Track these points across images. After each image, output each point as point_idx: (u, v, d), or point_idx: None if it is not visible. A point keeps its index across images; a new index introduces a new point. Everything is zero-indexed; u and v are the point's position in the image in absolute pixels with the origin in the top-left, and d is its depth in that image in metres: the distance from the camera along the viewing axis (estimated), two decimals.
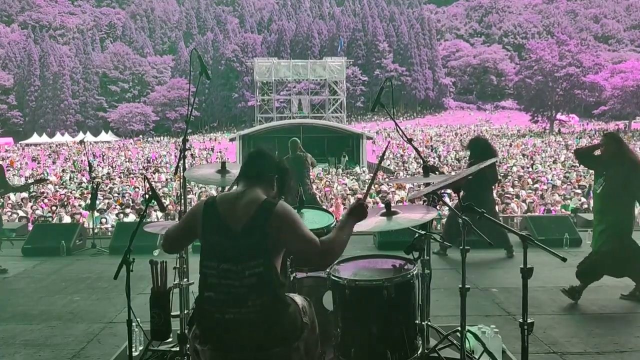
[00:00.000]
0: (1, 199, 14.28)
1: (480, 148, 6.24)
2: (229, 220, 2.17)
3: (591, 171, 18.83)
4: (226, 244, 2.14)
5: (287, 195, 2.47)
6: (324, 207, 7.62)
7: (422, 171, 3.32)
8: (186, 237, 2.42)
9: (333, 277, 2.73)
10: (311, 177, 7.58)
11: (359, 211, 2.37)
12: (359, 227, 2.95)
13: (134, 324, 2.90)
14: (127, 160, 35.88)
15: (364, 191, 3.09)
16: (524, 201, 11.62)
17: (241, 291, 2.11)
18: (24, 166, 32.99)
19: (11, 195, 14.84)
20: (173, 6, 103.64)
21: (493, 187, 7.07)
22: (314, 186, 8.07)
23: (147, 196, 4.85)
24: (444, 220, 7.88)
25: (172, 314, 2.82)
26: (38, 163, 35.40)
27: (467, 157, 6.40)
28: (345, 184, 17.48)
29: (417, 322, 2.75)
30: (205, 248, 2.20)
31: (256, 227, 2.14)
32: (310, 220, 3.32)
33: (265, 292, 2.13)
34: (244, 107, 76.07)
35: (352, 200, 12.83)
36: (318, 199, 9.46)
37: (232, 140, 33.25)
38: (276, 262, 2.18)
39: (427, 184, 3.19)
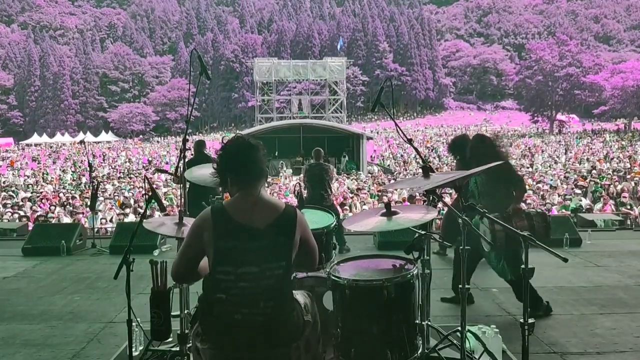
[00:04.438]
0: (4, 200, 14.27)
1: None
2: (251, 223, 2.13)
3: (592, 172, 18.66)
4: (247, 247, 2.11)
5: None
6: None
7: (421, 171, 3.32)
8: (197, 255, 2.21)
9: (333, 277, 2.73)
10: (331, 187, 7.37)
11: None
12: (360, 227, 2.96)
13: (134, 324, 2.90)
14: (127, 160, 35.90)
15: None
16: (524, 201, 11.61)
17: (256, 292, 2.11)
18: (24, 166, 32.99)
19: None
20: (173, 6, 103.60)
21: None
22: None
23: (147, 196, 4.85)
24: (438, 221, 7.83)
25: (172, 314, 2.82)
26: (38, 163, 35.41)
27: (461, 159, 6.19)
28: (345, 183, 17.48)
29: (417, 322, 2.75)
30: (220, 254, 2.12)
31: (282, 230, 2.16)
32: (311, 220, 3.31)
33: (279, 295, 2.15)
34: (244, 107, 76.05)
35: (354, 200, 12.85)
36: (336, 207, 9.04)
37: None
38: (292, 265, 2.22)
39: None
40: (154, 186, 5.13)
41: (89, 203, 10.14)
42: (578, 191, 12.89)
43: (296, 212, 2.24)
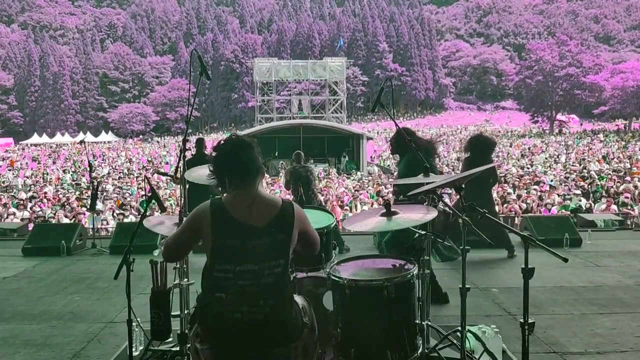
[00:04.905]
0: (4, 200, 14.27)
1: (480, 147, 6.26)
2: (249, 221, 2.13)
3: (593, 172, 18.67)
4: (246, 245, 2.11)
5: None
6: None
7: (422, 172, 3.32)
8: (190, 242, 2.28)
9: (333, 277, 2.72)
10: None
11: None
12: (360, 227, 2.96)
13: (134, 324, 2.90)
14: (127, 160, 35.91)
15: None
16: (524, 201, 11.63)
17: (255, 290, 2.11)
18: (24, 166, 32.99)
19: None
20: (173, 6, 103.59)
21: (493, 188, 7.08)
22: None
23: (147, 196, 4.88)
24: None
25: (172, 314, 2.82)
26: (38, 163, 35.39)
27: (468, 156, 6.36)
28: (346, 183, 17.47)
29: (417, 322, 2.75)
30: (219, 252, 2.13)
31: (281, 227, 2.16)
32: (310, 220, 3.32)
33: (278, 292, 2.15)
34: (244, 107, 76.07)
35: (354, 200, 12.85)
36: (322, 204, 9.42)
37: None
38: (290, 263, 2.23)
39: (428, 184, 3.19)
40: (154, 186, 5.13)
41: (89, 203, 10.14)
42: (578, 191, 12.89)
43: (294, 207, 2.24)
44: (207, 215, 2.15)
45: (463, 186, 2.78)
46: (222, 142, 2.29)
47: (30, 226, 9.33)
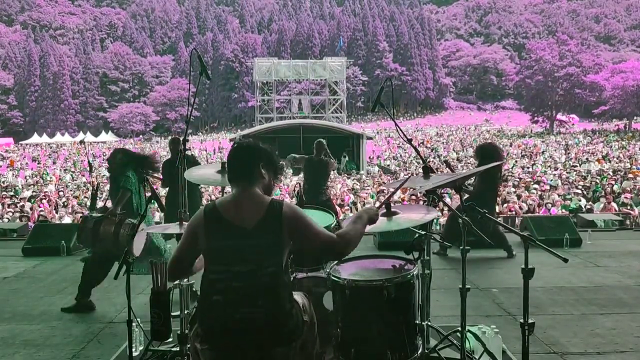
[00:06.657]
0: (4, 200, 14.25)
1: (488, 154, 6.21)
2: (239, 222, 2.15)
3: (593, 172, 18.68)
4: (239, 246, 2.12)
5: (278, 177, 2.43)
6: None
7: (422, 171, 3.32)
8: (192, 252, 2.26)
9: (333, 277, 2.72)
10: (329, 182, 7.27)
11: (373, 215, 2.46)
12: None
13: (134, 324, 2.89)
14: None
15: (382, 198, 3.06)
16: (524, 201, 11.63)
17: (252, 291, 2.11)
18: (24, 166, 33.00)
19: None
20: (173, 6, 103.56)
21: (498, 189, 7.05)
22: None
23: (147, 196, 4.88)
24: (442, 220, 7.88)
25: (172, 314, 2.82)
26: (38, 163, 35.41)
27: (477, 164, 6.32)
28: (347, 184, 17.47)
29: (417, 322, 2.75)
30: (213, 254, 2.16)
31: (269, 227, 2.16)
32: None
33: (276, 292, 2.15)
34: (244, 107, 76.07)
35: (353, 199, 12.86)
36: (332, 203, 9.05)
37: (232, 140, 33.28)
38: (285, 262, 2.22)
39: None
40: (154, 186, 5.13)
41: (89, 203, 10.13)
42: (578, 191, 12.90)
43: (282, 206, 2.21)
44: (201, 220, 2.19)
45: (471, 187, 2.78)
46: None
47: (30, 226, 9.34)
